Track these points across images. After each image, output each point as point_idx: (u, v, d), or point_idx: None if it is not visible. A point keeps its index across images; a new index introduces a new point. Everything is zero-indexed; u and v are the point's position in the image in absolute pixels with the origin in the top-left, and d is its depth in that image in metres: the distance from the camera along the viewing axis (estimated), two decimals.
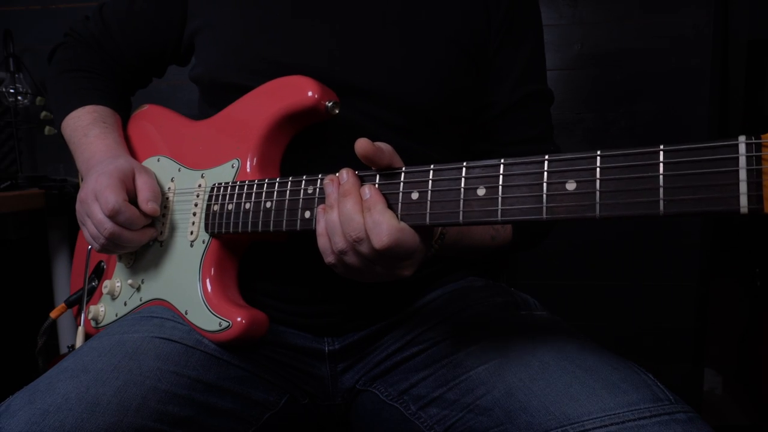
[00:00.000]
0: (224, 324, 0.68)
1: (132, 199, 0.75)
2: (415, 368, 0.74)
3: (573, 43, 1.80)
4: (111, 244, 0.75)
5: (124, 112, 0.96)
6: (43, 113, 1.74)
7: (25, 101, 1.70)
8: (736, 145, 0.40)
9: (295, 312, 0.79)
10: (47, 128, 1.74)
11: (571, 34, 1.80)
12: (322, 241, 0.58)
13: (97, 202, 0.73)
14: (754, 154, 0.39)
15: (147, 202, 0.74)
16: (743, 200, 0.39)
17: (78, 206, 0.79)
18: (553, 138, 0.90)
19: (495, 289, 0.84)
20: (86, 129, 0.86)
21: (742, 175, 0.39)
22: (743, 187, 0.39)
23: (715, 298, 1.95)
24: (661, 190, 0.42)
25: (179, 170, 0.81)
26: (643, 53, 1.78)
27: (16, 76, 1.67)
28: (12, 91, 1.67)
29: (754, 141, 0.39)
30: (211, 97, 0.84)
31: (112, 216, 0.72)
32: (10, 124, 1.76)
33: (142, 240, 0.77)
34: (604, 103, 1.81)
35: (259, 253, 0.77)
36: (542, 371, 0.61)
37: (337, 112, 0.69)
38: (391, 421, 0.74)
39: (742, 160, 0.39)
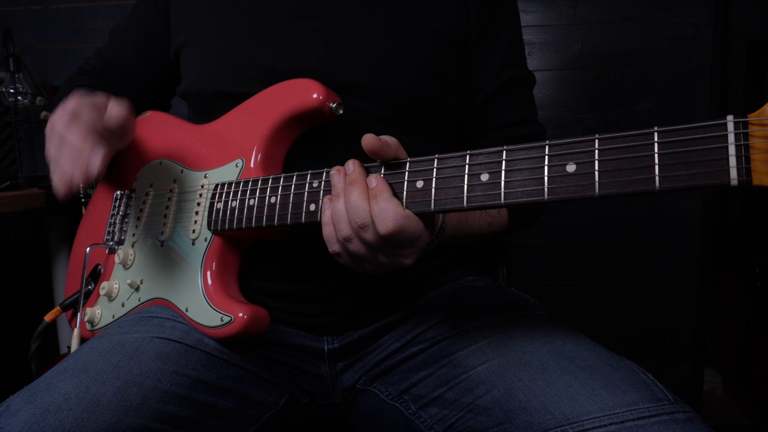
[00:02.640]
0: (226, 319, 0.68)
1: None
2: (415, 368, 0.74)
3: (573, 43, 1.81)
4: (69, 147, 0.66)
5: None
6: (43, 113, 1.74)
7: (25, 101, 1.70)
8: (725, 124, 0.42)
9: (294, 311, 0.79)
10: None
11: (571, 34, 1.80)
12: (327, 230, 0.59)
13: (61, 109, 0.68)
14: (741, 131, 0.41)
15: (109, 118, 0.67)
16: (733, 173, 0.41)
17: (46, 136, 0.71)
18: (537, 120, 0.92)
19: (495, 288, 0.84)
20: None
21: (732, 150, 0.42)
22: (733, 161, 0.41)
23: (715, 298, 1.96)
24: (657, 167, 0.45)
25: (182, 172, 0.81)
26: (643, 53, 1.78)
27: (16, 76, 1.67)
28: (12, 91, 1.67)
29: (741, 119, 0.42)
30: (201, 109, 0.84)
31: (72, 118, 0.65)
32: (10, 124, 1.76)
33: (95, 158, 0.64)
34: (604, 103, 1.81)
35: (259, 253, 0.77)
36: (542, 371, 0.61)
37: (341, 112, 0.70)
38: (392, 420, 0.74)
39: (731, 137, 0.42)
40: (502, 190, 0.51)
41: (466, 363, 0.68)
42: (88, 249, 0.87)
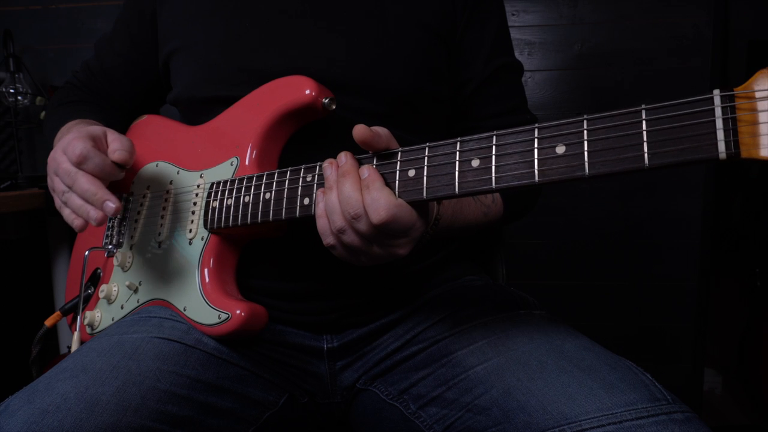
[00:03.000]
0: (223, 316, 0.68)
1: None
2: (414, 367, 0.75)
3: (573, 43, 1.81)
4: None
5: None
6: (43, 113, 1.74)
7: (25, 101, 1.70)
8: (711, 98, 0.42)
9: (293, 309, 0.79)
10: None
11: (571, 34, 1.80)
12: (321, 223, 0.59)
13: (65, 155, 0.69)
14: (728, 104, 0.41)
15: (114, 151, 0.70)
16: (721, 147, 0.41)
17: (48, 168, 0.74)
18: (528, 108, 0.93)
19: (494, 288, 0.84)
20: (69, 126, 0.85)
21: (719, 124, 0.42)
22: (720, 135, 0.41)
23: (715, 298, 1.95)
24: (645, 144, 0.45)
25: (178, 173, 0.81)
26: (643, 53, 1.78)
27: (16, 76, 1.67)
28: (12, 91, 1.67)
29: (727, 93, 0.42)
30: (193, 115, 0.85)
31: (80, 162, 0.67)
32: (10, 124, 1.76)
33: (109, 197, 0.67)
34: (604, 103, 1.81)
35: (256, 252, 0.77)
36: (540, 371, 0.61)
37: (333, 108, 0.71)
38: (391, 420, 0.74)
39: (718, 111, 0.42)
40: (493, 174, 0.52)
41: (465, 362, 0.68)
42: (86, 253, 0.87)
